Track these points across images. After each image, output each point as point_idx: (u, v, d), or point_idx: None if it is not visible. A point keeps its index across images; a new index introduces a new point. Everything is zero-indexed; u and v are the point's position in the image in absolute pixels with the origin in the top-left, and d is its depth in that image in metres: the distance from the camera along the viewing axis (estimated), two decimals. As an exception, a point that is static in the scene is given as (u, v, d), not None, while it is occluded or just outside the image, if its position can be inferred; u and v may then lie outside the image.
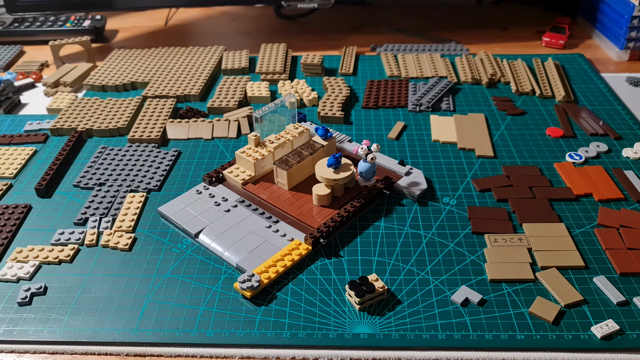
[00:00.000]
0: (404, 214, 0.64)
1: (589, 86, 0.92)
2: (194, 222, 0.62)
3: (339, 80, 0.92)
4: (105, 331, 0.51)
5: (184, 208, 0.64)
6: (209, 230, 0.61)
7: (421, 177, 0.68)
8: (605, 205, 0.65)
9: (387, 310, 0.52)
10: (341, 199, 0.64)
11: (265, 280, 0.54)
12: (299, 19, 1.25)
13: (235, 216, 0.63)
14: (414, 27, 1.19)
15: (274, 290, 0.54)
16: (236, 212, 0.63)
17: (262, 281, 0.54)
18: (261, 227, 0.61)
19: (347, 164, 0.63)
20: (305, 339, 0.49)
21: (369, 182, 0.65)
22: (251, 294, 0.53)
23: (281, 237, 0.60)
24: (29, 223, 0.64)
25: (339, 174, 0.62)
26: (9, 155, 0.75)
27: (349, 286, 0.52)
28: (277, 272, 0.55)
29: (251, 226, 0.61)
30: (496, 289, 0.54)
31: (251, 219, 0.62)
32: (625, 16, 0.98)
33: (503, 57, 1.01)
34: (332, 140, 0.69)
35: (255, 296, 0.54)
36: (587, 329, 0.50)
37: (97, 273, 0.57)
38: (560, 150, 0.75)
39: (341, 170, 0.63)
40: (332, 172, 0.62)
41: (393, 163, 0.70)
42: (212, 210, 0.64)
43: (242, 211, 0.63)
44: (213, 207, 0.64)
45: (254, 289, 0.53)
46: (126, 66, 0.99)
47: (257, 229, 0.61)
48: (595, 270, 0.56)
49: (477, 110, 0.85)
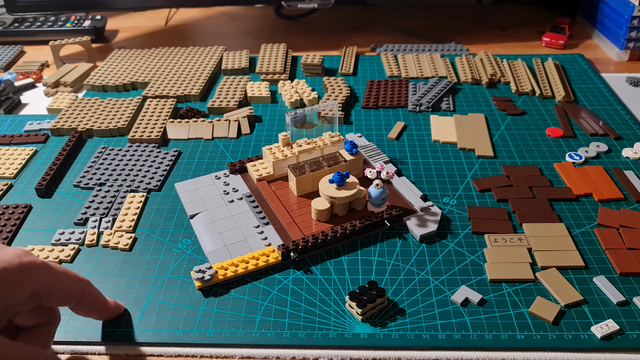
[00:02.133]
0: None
1: (589, 86, 0.92)
2: (195, 204, 0.64)
3: (339, 80, 0.92)
4: (106, 331, 0.51)
5: (195, 189, 0.67)
6: (203, 215, 0.63)
7: (437, 218, 0.61)
8: (605, 205, 0.65)
9: (387, 310, 0.52)
10: (341, 218, 0.61)
11: (220, 276, 0.54)
12: (299, 19, 1.25)
13: (234, 209, 0.63)
14: (414, 27, 1.19)
15: (274, 290, 0.54)
16: (237, 205, 0.64)
17: (217, 276, 0.54)
18: (249, 226, 0.61)
19: (353, 184, 0.61)
20: (305, 339, 0.49)
21: (378, 208, 0.61)
22: (200, 285, 0.54)
23: (261, 241, 0.59)
24: (29, 223, 0.64)
25: (340, 192, 0.60)
26: (9, 155, 0.75)
27: (350, 297, 0.52)
28: (236, 272, 0.55)
29: (241, 222, 0.62)
30: (496, 289, 0.54)
31: (246, 215, 0.62)
32: (625, 16, 0.98)
33: (503, 57, 1.01)
34: (358, 156, 0.66)
35: (255, 296, 0.54)
36: (587, 329, 0.50)
37: (97, 273, 0.57)
38: (560, 150, 0.75)
39: (344, 188, 0.60)
40: (334, 189, 0.60)
41: (415, 195, 0.64)
42: (218, 197, 0.65)
43: (243, 206, 0.64)
44: (220, 194, 0.66)
45: (204, 282, 0.54)
46: (126, 66, 0.99)
47: (244, 226, 0.61)
48: (595, 270, 0.56)
49: (477, 110, 0.85)
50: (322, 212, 0.60)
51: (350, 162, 0.65)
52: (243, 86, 0.91)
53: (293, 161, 0.66)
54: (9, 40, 1.13)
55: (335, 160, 0.65)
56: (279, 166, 0.66)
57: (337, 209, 0.61)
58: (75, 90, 0.94)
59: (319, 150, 0.66)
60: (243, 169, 0.70)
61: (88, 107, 0.85)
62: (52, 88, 0.93)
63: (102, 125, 0.81)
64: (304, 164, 0.65)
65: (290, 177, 0.65)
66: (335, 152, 0.66)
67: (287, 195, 0.65)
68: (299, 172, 0.63)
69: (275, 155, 0.66)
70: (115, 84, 0.93)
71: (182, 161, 0.75)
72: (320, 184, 0.61)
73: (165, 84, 0.92)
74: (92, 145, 0.79)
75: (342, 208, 0.61)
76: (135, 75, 0.96)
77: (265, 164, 0.68)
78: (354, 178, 0.62)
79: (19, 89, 0.95)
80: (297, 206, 0.63)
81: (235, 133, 0.80)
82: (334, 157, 0.65)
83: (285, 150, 0.66)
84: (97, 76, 0.96)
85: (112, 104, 0.86)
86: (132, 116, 0.83)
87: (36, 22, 1.15)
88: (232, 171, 0.69)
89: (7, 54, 1.07)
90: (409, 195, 0.64)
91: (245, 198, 0.65)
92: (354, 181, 0.61)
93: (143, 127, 0.80)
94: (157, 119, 0.82)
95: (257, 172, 0.67)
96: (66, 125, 0.81)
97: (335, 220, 0.61)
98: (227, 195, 0.65)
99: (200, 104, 0.89)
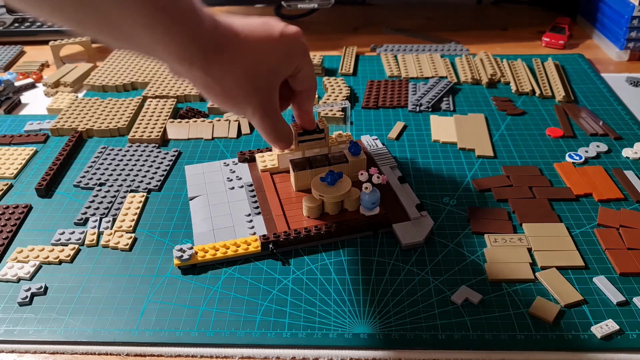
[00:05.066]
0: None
1: (588, 86, 0.92)
2: (197, 188, 0.67)
3: (339, 81, 0.92)
4: (106, 331, 0.51)
5: (202, 173, 0.69)
6: (201, 198, 0.65)
7: (426, 229, 0.60)
8: (605, 205, 0.65)
9: (387, 310, 0.52)
10: (330, 217, 0.61)
11: (199, 257, 0.56)
12: (299, 19, 1.25)
13: (232, 196, 0.65)
14: (414, 27, 1.19)
15: (274, 290, 0.54)
16: (236, 193, 0.66)
17: (195, 257, 0.56)
18: (241, 214, 0.63)
19: (345, 185, 0.61)
20: (305, 339, 0.49)
21: (369, 211, 0.61)
22: (178, 263, 0.56)
23: (248, 229, 0.61)
24: (29, 223, 0.64)
25: (330, 191, 0.60)
26: (9, 156, 0.75)
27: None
28: (214, 255, 0.57)
29: (234, 209, 0.63)
30: (496, 289, 0.54)
31: (242, 203, 0.64)
32: (625, 16, 0.98)
33: (503, 57, 1.01)
34: (361, 158, 0.65)
35: (255, 296, 0.54)
36: (587, 329, 0.50)
37: (97, 273, 0.57)
38: (560, 150, 0.75)
39: (335, 188, 0.60)
40: (325, 187, 0.60)
41: (411, 202, 0.63)
42: (220, 183, 0.68)
43: (241, 194, 0.66)
44: (224, 181, 0.68)
45: (182, 260, 0.56)
46: (126, 66, 0.99)
47: (236, 213, 0.63)
48: (595, 270, 0.56)
49: (477, 110, 0.85)
50: (312, 209, 0.61)
51: (353, 163, 0.65)
52: (243, 86, 0.91)
53: (298, 156, 0.66)
54: (9, 40, 1.13)
55: (338, 160, 0.65)
56: (284, 159, 0.67)
57: (328, 207, 0.61)
58: (75, 90, 0.94)
59: (326, 149, 0.66)
60: (252, 158, 0.71)
61: (88, 107, 0.85)
62: (52, 88, 0.93)
63: (102, 125, 0.81)
64: (306, 160, 0.65)
65: (291, 171, 0.65)
66: (341, 152, 0.66)
67: (286, 189, 0.65)
68: (298, 168, 0.64)
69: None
70: (115, 84, 0.93)
71: (182, 161, 0.75)
72: (312, 182, 0.62)
73: (165, 84, 0.92)
74: (92, 145, 0.79)
75: (333, 207, 0.61)
76: (135, 75, 0.96)
77: (273, 157, 0.69)
78: (348, 179, 0.61)
79: (19, 89, 0.95)
80: (293, 200, 0.64)
81: (235, 133, 0.80)
82: (336, 156, 0.65)
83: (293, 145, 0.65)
84: (97, 76, 0.96)
85: (112, 104, 0.86)
86: (132, 116, 0.83)
87: (36, 22, 1.15)
88: (241, 160, 0.71)
89: (7, 54, 1.07)
90: (405, 203, 0.63)
91: (245, 187, 0.66)
92: (347, 182, 0.61)
93: (143, 127, 0.80)
94: (157, 119, 0.82)
95: (263, 162, 0.68)
96: (66, 125, 0.81)
97: (326, 218, 0.61)
98: (229, 182, 0.68)
99: (200, 104, 0.89)
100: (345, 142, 0.67)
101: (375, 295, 0.54)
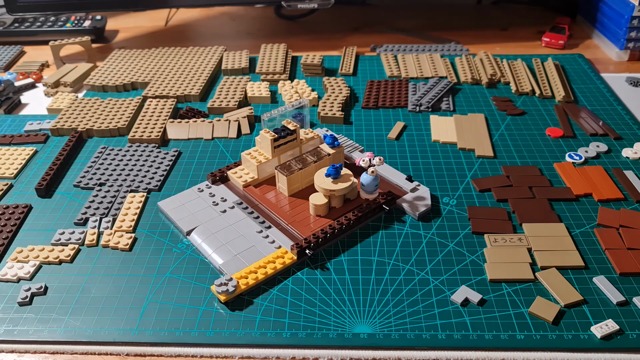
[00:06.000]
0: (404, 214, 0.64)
1: (588, 86, 0.92)
2: (189, 220, 0.62)
3: (339, 81, 0.92)
4: (106, 331, 0.51)
5: (182, 205, 0.64)
6: (201, 229, 0.61)
7: (427, 195, 0.65)
8: (605, 205, 0.65)
9: (387, 310, 0.52)
10: (339, 210, 0.62)
11: (242, 286, 0.53)
12: (299, 19, 1.25)
13: (229, 218, 0.62)
14: (414, 27, 1.19)
15: (274, 290, 0.54)
16: (232, 214, 0.63)
17: (239, 286, 0.53)
18: (252, 231, 0.60)
19: (347, 175, 0.62)
20: (305, 339, 0.49)
21: (371, 195, 0.63)
22: (225, 298, 0.52)
23: (269, 244, 0.59)
24: (29, 223, 0.64)
25: (337, 185, 0.60)
26: (10, 156, 0.75)
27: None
28: (257, 279, 0.54)
29: (243, 229, 0.61)
30: (496, 289, 0.54)
31: (245, 222, 0.62)
32: (625, 16, 0.98)
33: (503, 57, 1.01)
34: (340, 149, 0.67)
35: (255, 296, 0.54)
36: (587, 329, 0.50)
37: (97, 273, 0.57)
38: (560, 150, 0.75)
39: (340, 181, 0.61)
40: (331, 182, 0.61)
41: (400, 177, 0.67)
42: (209, 209, 0.64)
43: (237, 213, 0.63)
44: (210, 206, 0.64)
45: (229, 294, 0.52)
46: (126, 66, 0.99)
47: (247, 232, 0.60)
48: (595, 270, 0.56)
49: (477, 111, 0.85)
50: (321, 207, 0.61)
51: (333, 155, 0.66)
52: (243, 86, 0.91)
53: (276, 163, 0.66)
54: (9, 40, 1.13)
55: (319, 155, 0.66)
56: (264, 169, 0.66)
57: (334, 201, 0.62)
58: (75, 90, 0.94)
59: (298, 149, 0.67)
60: (224, 178, 0.68)
61: (88, 107, 0.85)
62: (52, 88, 0.93)
63: (102, 125, 0.81)
64: (290, 162, 0.65)
65: (280, 177, 0.64)
66: (317, 147, 0.67)
67: (277, 197, 0.65)
68: (288, 172, 0.63)
69: (257, 159, 0.65)
70: (115, 84, 0.93)
71: (182, 161, 0.75)
72: (315, 179, 0.62)
73: (165, 84, 0.92)
74: (92, 145, 0.79)
75: (339, 200, 0.62)
76: (135, 75, 0.96)
77: (246, 169, 0.68)
78: (346, 169, 0.63)
79: (19, 89, 0.95)
80: (291, 206, 0.64)
81: (235, 133, 0.80)
82: (316, 152, 0.66)
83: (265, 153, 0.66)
84: (97, 76, 0.96)
85: (112, 104, 0.86)
86: (132, 116, 0.83)
87: (36, 22, 1.15)
88: (214, 181, 0.68)
89: (7, 54, 1.07)
90: (395, 179, 0.66)
91: (236, 206, 0.64)
92: (347, 172, 0.62)
93: (143, 127, 0.80)
94: (157, 119, 0.82)
95: (241, 178, 0.67)
96: (66, 125, 0.81)
97: (333, 212, 0.62)
98: (217, 206, 0.64)
99: (200, 104, 0.89)
100: (312, 139, 0.68)
101: (375, 295, 0.54)
